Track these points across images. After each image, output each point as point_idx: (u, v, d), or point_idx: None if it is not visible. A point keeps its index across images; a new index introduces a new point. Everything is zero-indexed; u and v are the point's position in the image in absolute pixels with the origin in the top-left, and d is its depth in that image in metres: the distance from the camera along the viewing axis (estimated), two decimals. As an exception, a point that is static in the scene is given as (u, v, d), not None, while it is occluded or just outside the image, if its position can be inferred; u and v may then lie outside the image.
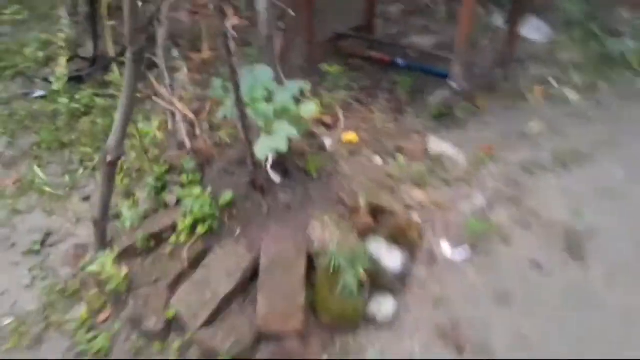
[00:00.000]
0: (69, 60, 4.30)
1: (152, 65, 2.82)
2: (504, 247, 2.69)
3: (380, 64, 4.35)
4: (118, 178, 3.03)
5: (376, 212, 2.54)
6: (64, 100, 3.87)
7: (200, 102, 2.98)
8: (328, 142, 3.30)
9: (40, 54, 4.52)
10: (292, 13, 2.95)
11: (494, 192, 3.01)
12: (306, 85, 2.49)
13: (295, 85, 2.44)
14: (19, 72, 4.53)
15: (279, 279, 2.21)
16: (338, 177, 2.58)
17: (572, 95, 3.90)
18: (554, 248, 2.67)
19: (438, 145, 3.27)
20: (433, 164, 3.19)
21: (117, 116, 2.35)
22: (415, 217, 2.80)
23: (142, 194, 2.77)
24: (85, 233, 2.83)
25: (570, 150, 3.31)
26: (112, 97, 3.92)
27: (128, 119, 2.38)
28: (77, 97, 3.91)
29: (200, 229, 2.32)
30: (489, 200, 2.94)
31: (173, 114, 2.74)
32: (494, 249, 2.67)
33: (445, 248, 2.66)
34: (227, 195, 2.37)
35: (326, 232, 2.27)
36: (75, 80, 4.22)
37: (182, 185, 2.55)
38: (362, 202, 2.45)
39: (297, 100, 2.49)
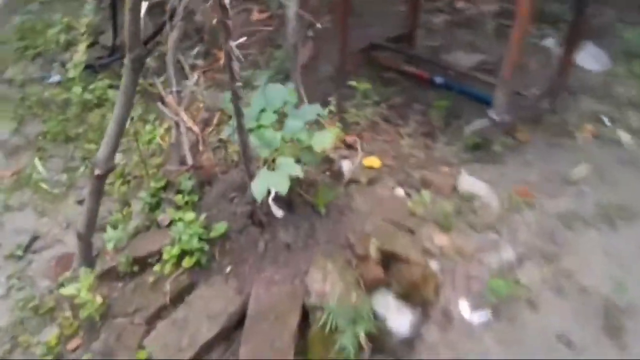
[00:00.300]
0: (89, 46, 4.10)
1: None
2: (530, 313, 2.36)
3: (417, 80, 4.02)
4: (116, 184, 2.81)
5: (389, 259, 2.24)
6: (77, 89, 3.68)
7: (211, 112, 2.72)
8: (346, 165, 3.00)
9: (62, 37, 4.34)
10: (319, 26, 2.67)
11: (526, 246, 2.66)
12: (324, 112, 2.21)
13: (311, 110, 2.16)
14: (40, 53, 4.36)
15: (268, 330, 1.93)
16: (350, 215, 2.29)
17: (626, 137, 3.49)
18: (588, 322, 2.33)
19: (469, 182, 2.93)
20: (461, 204, 2.86)
21: (110, 127, 2.11)
22: (434, 265, 2.49)
23: (137, 206, 2.54)
24: (74, 241, 2.59)
25: (618, 203, 2.92)
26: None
27: (121, 131, 2.14)
28: (91, 87, 3.71)
29: (187, 262, 2.07)
30: (519, 255, 2.60)
31: (178, 124, 2.48)
32: (519, 315, 2.34)
33: (464, 308, 2.35)
34: (220, 227, 2.11)
35: (327, 283, 1.99)
36: (92, 68, 4.03)
37: (177, 207, 2.30)
38: (372, 249, 2.16)
39: (316, 122, 2.22)
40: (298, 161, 2.16)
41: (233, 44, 1.66)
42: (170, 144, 2.51)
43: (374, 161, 3.09)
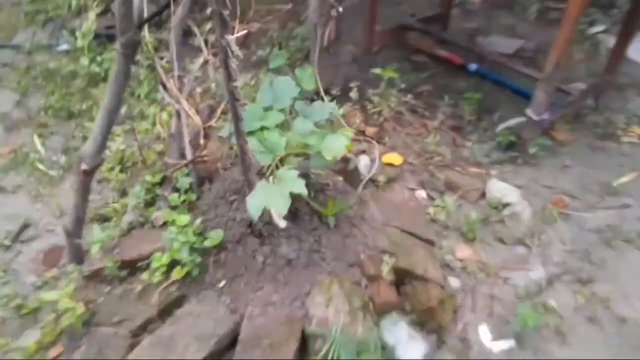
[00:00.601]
0: (100, 14, 3.87)
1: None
2: (559, 346, 2.10)
3: (449, 65, 3.70)
4: (115, 171, 2.61)
5: (403, 277, 2.00)
6: (84, 60, 3.47)
7: (217, 101, 2.46)
8: (364, 161, 2.75)
9: (74, 2, 4.10)
10: (341, 10, 2.38)
11: (558, 265, 2.39)
12: (338, 110, 1.94)
13: (324, 109, 1.89)
14: (51, 18, 4.15)
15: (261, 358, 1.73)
16: (362, 226, 2.05)
17: (679, 143, 3.15)
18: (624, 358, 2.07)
19: (499, 188, 2.64)
20: (489, 212, 2.58)
21: (99, 118, 1.89)
22: (454, 283, 2.24)
23: (132, 200, 2.33)
24: (66, 232, 2.44)
25: (667, 221, 2.62)
26: (137, 64, 3.48)
27: (111, 122, 1.92)
28: (99, 58, 3.49)
29: (177, 274, 1.86)
30: (550, 275, 2.33)
31: (179, 113, 2.24)
32: (546, 347, 2.09)
33: (484, 334, 2.10)
34: (216, 236, 1.88)
35: (330, 308, 1.76)
36: (103, 38, 3.80)
37: (173, 206, 2.08)
38: (386, 269, 1.92)
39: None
40: (307, 164, 1.93)
41: (231, 38, 1.40)
42: (170, 134, 2.28)
43: (394, 158, 2.83)
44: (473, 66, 3.62)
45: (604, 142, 3.11)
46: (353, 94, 3.15)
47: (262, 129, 1.69)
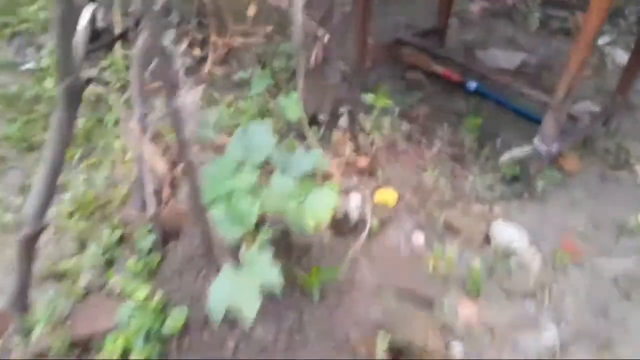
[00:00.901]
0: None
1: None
2: None
3: (447, 82, 3.42)
4: (74, 217, 2.32)
5: (400, 354, 1.74)
6: (49, 82, 3.17)
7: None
8: (355, 199, 2.48)
9: (42, 15, 3.80)
10: (326, 36, 2.10)
11: (572, 323, 2.13)
12: (325, 159, 1.67)
13: (307, 160, 1.62)
14: (18, 33, 3.84)
15: None
16: (352, 294, 1.77)
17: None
18: None
19: (505, 232, 2.38)
20: (494, 261, 2.32)
21: (40, 174, 1.61)
22: (456, 349, 1.98)
23: (87, 261, 2.05)
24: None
25: (690, 266, 2.37)
26: (108, 85, 3.19)
27: (55, 178, 1.63)
28: (66, 80, 3.18)
29: (134, 361, 1.58)
30: (564, 338, 2.07)
31: (141, 158, 1.96)
32: None
33: (492, 414, 1.85)
34: (179, 315, 1.61)
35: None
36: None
37: (132, 273, 1.80)
38: (380, 349, 1.65)
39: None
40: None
41: (183, 101, 1.12)
42: (133, 181, 2.00)
43: (389, 195, 2.55)
44: (472, 84, 3.35)
45: (616, 171, 2.85)
46: (343, 120, 2.88)
47: (230, 194, 1.41)
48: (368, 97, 2.75)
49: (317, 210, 1.48)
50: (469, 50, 3.87)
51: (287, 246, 1.35)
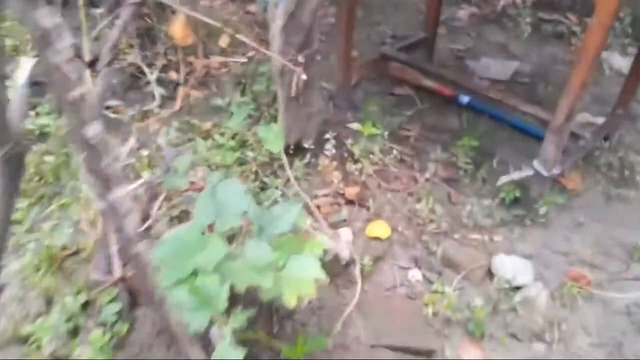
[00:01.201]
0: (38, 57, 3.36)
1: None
2: None
3: (437, 96, 3.26)
4: (39, 273, 2.14)
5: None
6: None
7: (150, 189, 1.98)
8: (345, 235, 2.31)
9: (9, 42, 3.59)
10: (303, 75, 1.93)
11: (586, 366, 1.97)
12: (305, 218, 1.50)
13: (286, 217, 1.44)
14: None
15: None
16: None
17: None
18: None
19: (508, 265, 2.21)
20: (498, 298, 2.15)
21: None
22: (461, 405, 1.81)
23: (48, 333, 1.86)
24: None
25: None
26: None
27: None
28: (31, 113, 3.00)
29: None
30: (578, 385, 1.91)
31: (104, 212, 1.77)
32: None
33: None
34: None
35: None
36: (40, 86, 3.30)
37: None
38: None
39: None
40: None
41: (120, 195, 0.95)
42: (97, 238, 1.82)
43: (381, 229, 2.39)
44: (465, 98, 3.18)
45: (621, 189, 2.69)
46: (329, 146, 2.71)
47: (194, 274, 1.23)
48: (353, 126, 2.57)
49: (299, 283, 1.31)
50: (460, 60, 3.70)
51: (268, 312, 1.18)
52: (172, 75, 3.40)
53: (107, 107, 3.10)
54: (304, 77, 2.11)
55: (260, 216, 1.46)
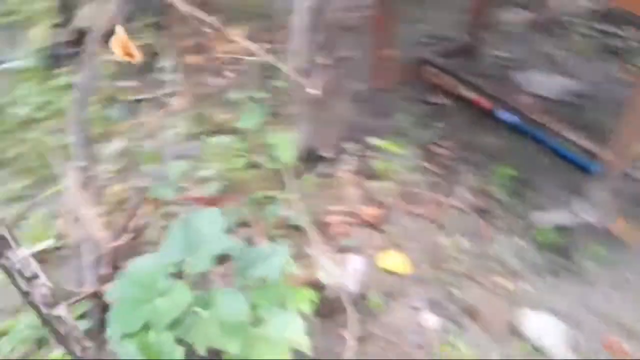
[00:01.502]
0: (56, 26, 3.18)
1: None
2: None
3: (475, 108, 2.95)
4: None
5: None
6: (23, 89, 2.79)
7: (137, 196, 1.75)
8: (354, 263, 2.07)
9: (25, 9, 3.39)
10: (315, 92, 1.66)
11: None
12: (291, 262, 1.25)
13: (272, 260, 1.20)
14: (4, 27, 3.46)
15: None
16: None
17: None
18: None
19: (534, 323, 1.94)
20: (522, 355, 1.88)
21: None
22: None
23: (22, 328, 1.67)
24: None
25: None
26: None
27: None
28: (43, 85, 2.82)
29: None
30: None
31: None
32: None
33: None
34: None
35: None
36: (60, 56, 3.12)
37: None
38: None
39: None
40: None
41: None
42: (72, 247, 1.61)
43: (397, 262, 2.13)
44: (505, 114, 2.87)
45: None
46: (349, 159, 2.45)
47: (146, 328, 1.00)
48: (374, 141, 2.30)
49: (274, 347, 1.07)
50: (504, 70, 3.37)
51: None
52: (191, 59, 3.17)
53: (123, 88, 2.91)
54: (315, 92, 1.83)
55: (244, 254, 1.21)
